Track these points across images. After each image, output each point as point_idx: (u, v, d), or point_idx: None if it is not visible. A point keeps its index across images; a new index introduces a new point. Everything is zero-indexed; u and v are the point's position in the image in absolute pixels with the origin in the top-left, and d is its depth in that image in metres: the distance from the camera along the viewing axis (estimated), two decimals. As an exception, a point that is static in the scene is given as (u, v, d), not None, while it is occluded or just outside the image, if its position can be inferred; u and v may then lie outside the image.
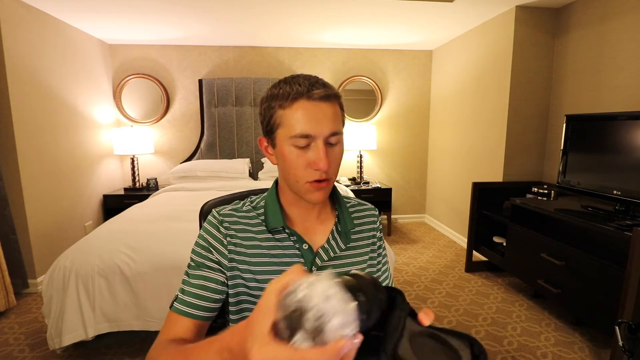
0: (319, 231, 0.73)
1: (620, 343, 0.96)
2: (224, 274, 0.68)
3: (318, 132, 0.62)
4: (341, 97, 0.69)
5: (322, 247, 0.71)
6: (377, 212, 0.83)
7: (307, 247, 0.70)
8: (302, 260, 0.69)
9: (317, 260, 0.70)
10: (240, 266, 0.69)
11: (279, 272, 0.68)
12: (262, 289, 0.68)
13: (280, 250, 0.69)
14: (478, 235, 2.75)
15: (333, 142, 0.65)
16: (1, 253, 2.15)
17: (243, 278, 0.69)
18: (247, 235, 0.70)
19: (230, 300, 0.70)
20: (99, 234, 1.94)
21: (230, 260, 0.68)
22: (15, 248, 2.34)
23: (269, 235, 0.70)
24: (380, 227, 0.82)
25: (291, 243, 0.70)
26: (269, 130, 0.67)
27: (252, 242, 0.69)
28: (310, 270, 0.69)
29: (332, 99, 0.65)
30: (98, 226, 2.34)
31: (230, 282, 0.69)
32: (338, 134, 0.65)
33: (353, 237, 0.76)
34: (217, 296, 0.67)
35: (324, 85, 0.65)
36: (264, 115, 0.67)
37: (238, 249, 0.69)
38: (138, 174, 3.52)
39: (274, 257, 0.69)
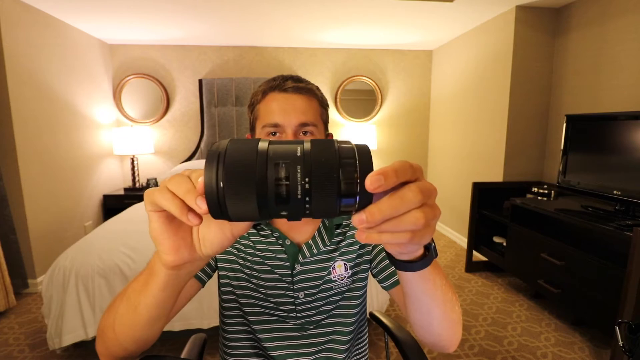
0: (305, 228, 0.72)
1: (620, 343, 0.96)
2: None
3: (286, 121, 0.64)
4: (318, 92, 0.70)
5: (306, 244, 0.70)
6: None
7: (289, 242, 0.70)
8: (284, 255, 0.70)
9: (300, 257, 0.70)
10: (227, 256, 0.72)
11: (264, 264, 0.70)
12: (246, 280, 0.71)
13: (265, 245, 0.70)
14: (478, 235, 2.75)
15: (306, 133, 0.66)
16: (1, 253, 2.15)
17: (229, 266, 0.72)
18: None
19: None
20: (99, 234, 1.94)
21: None
22: (15, 248, 2.34)
23: (254, 231, 0.71)
24: None
25: (274, 239, 0.70)
26: (252, 126, 0.71)
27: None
28: (293, 267, 0.69)
29: (305, 92, 0.67)
30: (98, 226, 2.34)
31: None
32: (309, 125, 0.66)
33: (342, 231, 0.73)
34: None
35: (299, 80, 0.68)
36: (249, 113, 0.72)
37: None
38: (138, 174, 3.52)
39: (258, 250, 0.70)
